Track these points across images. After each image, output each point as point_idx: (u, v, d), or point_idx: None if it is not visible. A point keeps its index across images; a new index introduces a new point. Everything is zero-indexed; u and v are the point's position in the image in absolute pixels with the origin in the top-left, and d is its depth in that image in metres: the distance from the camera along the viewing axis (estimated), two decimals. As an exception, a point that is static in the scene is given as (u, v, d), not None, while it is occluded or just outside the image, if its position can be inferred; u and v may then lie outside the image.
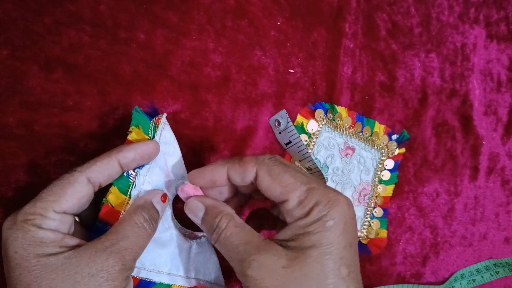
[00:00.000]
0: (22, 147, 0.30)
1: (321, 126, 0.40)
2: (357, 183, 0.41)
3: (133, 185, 0.27)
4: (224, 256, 0.25)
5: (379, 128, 0.42)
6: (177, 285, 0.29)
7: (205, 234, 0.30)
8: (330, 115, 0.40)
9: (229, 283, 0.36)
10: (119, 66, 0.33)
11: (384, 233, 0.42)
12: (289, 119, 0.37)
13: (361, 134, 0.41)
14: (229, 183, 0.27)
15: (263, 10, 0.39)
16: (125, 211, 0.26)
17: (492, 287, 0.46)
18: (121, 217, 0.26)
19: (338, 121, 0.40)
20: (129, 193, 0.27)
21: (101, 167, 0.25)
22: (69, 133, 0.32)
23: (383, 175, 0.42)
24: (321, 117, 0.39)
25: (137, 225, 0.25)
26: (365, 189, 0.41)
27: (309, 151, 0.39)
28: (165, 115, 0.29)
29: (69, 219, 0.24)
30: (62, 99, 0.32)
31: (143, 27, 0.34)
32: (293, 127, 0.36)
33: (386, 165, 0.42)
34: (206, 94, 0.36)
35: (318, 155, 0.40)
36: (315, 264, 0.22)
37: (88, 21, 0.33)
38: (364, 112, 0.42)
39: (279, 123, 0.37)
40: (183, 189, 0.28)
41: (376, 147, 0.42)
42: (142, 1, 0.35)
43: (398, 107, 0.44)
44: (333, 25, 0.42)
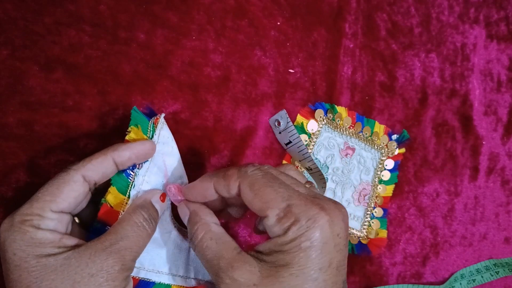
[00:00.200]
0: (22, 147, 0.30)
1: (321, 126, 0.40)
2: (357, 183, 0.41)
3: (132, 185, 0.27)
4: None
5: (379, 128, 0.42)
6: (177, 285, 0.29)
7: None
8: (330, 115, 0.40)
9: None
10: (119, 66, 0.33)
11: (384, 233, 0.42)
12: (289, 119, 0.37)
13: (361, 134, 0.41)
14: (219, 196, 0.27)
15: (263, 10, 0.39)
16: (124, 211, 0.26)
17: (492, 287, 0.46)
18: (121, 217, 0.25)
19: (338, 121, 0.40)
20: (128, 193, 0.27)
21: (96, 166, 0.25)
22: (69, 133, 0.32)
23: (383, 175, 0.42)
24: (321, 117, 0.39)
25: (137, 224, 0.25)
26: (365, 189, 0.41)
27: (309, 151, 0.39)
28: (163, 115, 0.29)
29: (66, 219, 0.24)
30: (62, 99, 0.32)
31: (143, 27, 0.34)
32: (293, 127, 0.36)
33: (386, 165, 0.42)
34: (206, 94, 0.36)
35: (318, 155, 0.40)
36: (285, 284, 0.22)
37: (88, 21, 0.33)
38: (364, 112, 0.42)
39: (279, 123, 0.37)
40: (170, 189, 0.28)
41: (376, 147, 0.42)
42: (142, 1, 0.35)
43: (398, 107, 0.44)
44: (333, 25, 0.42)
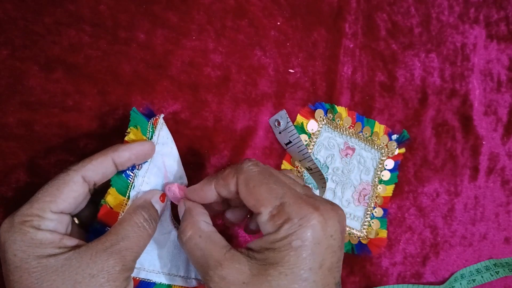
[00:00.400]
0: (22, 147, 0.30)
1: (321, 126, 0.40)
2: (357, 183, 0.41)
3: (131, 186, 0.27)
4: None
5: (379, 128, 0.42)
6: (177, 286, 0.29)
7: None
8: (330, 115, 0.40)
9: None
10: (119, 66, 0.33)
11: (384, 233, 0.42)
12: (289, 119, 0.37)
13: (361, 134, 0.41)
14: (221, 198, 0.27)
15: (263, 10, 0.39)
16: (123, 212, 0.26)
17: (492, 287, 0.46)
18: (121, 217, 0.25)
19: (338, 121, 0.40)
20: (127, 194, 0.27)
21: (96, 166, 0.25)
22: (69, 133, 0.32)
23: (383, 175, 0.42)
24: (321, 117, 0.39)
25: (137, 225, 0.25)
26: (365, 189, 0.41)
27: (309, 151, 0.39)
28: (162, 115, 0.29)
29: (66, 219, 0.24)
30: (62, 99, 0.32)
31: (143, 27, 0.34)
32: (293, 127, 0.36)
33: (386, 165, 0.42)
34: (206, 94, 0.36)
35: (318, 155, 0.40)
36: (274, 283, 0.22)
37: (88, 21, 0.33)
38: (364, 112, 0.42)
39: (279, 123, 0.37)
40: (170, 189, 0.28)
41: (376, 147, 0.42)
42: (142, 1, 0.35)
43: (398, 107, 0.44)
44: (333, 25, 0.42)
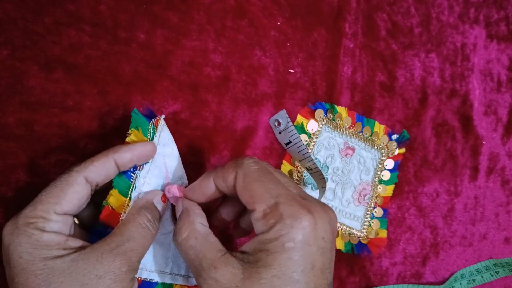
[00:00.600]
0: (22, 147, 0.30)
1: (321, 126, 0.40)
2: (357, 183, 0.41)
3: (133, 186, 0.27)
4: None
5: (379, 128, 0.42)
6: (179, 285, 0.29)
7: None
8: (330, 115, 0.40)
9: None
10: (119, 66, 0.33)
11: (384, 233, 0.42)
12: (289, 119, 0.37)
13: (361, 134, 0.41)
14: (219, 193, 0.27)
15: (263, 10, 0.39)
16: (125, 213, 0.26)
17: (492, 287, 0.46)
18: (125, 218, 0.25)
19: (338, 121, 0.40)
20: (129, 195, 0.27)
21: (98, 167, 0.25)
22: (69, 133, 0.32)
23: (383, 175, 0.42)
24: (321, 117, 0.39)
25: (141, 225, 0.25)
26: (365, 189, 0.41)
27: (309, 151, 0.39)
28: (163, 116, 0.29)
29: (69, 220, 0.24)
30: (62, 99, 0.32)
31: (143, 27, 0.34)
32: (293, 127, 0.36)
33: (386, 165, 0.42)
34: (206, 94, 0.36)
35: (318, 155, 0.40)
36: (266, 286, 0.21)
37: (88, 21, 0.33)
38: (364, 112, 0.42)
39: (279, 123, 0.37)
40: (169, 190, 0.28)
41: (376, 147, 0.42)
42: (142, 1, 0.35)
43: (398, 107, 0.44)
44: (333, 25, 0.42)
